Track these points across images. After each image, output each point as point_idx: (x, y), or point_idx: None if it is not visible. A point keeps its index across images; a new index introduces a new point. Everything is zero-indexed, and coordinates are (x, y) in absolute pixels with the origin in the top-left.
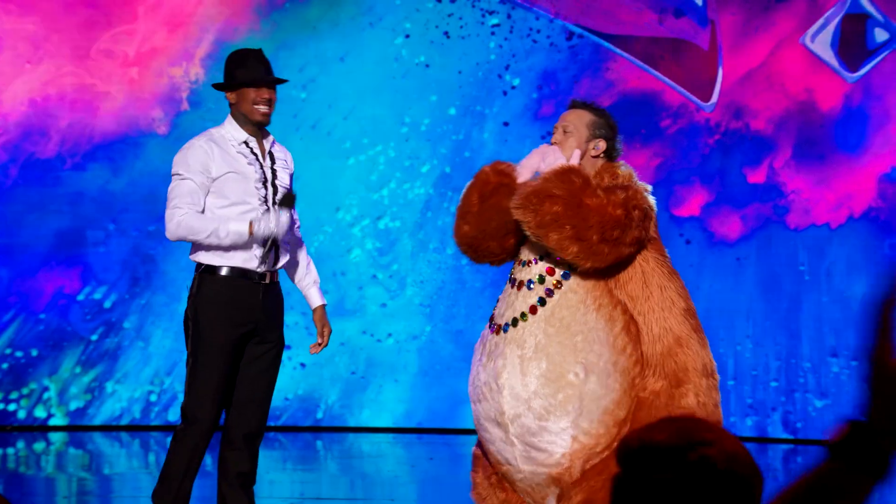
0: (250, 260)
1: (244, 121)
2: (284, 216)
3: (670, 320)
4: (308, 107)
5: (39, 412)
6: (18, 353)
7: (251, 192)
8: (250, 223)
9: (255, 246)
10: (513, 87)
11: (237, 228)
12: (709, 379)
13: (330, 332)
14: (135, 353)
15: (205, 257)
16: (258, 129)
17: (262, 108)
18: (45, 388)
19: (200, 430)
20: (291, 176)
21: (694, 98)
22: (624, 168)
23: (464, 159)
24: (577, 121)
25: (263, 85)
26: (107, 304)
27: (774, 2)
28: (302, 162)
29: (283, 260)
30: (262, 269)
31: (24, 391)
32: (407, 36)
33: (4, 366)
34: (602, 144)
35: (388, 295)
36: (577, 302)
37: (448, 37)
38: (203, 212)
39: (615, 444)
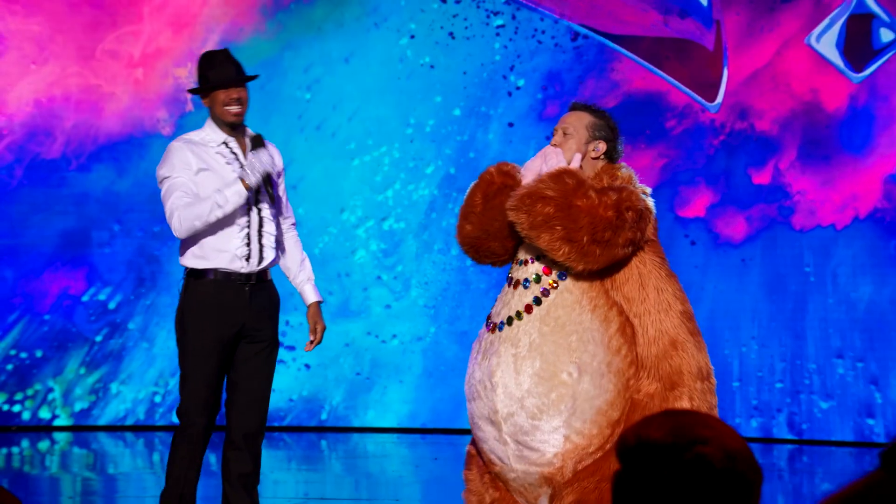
0: (234, 261)
1: (221, 122)
2: (263, 154)
3: (666, 323)
4: (313, 107)
5: (44, 413)
6: (23, 354)
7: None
8: (240, 179)
9: (238, 246)
10: (517, 88)
11: (233, 189)
12: (704, 382)
13: (323, 328)
14: (139, 354)
15: (191, 261)
16: (234, 128)
17: (233, 109)
18: (50, 390)
19: (195, 431)
20: (280, 173)
21: (699, 98)
22: (624, 170)
23: (468, 160)
24: (577, 122)
25: (231, 85)
26: (111, 305)
27: (779, 2)
28: (306, 163)
29: (270, 258)
30: (246, 269)
31: (29, 392)
32: (412, 37)
33: (9, 367)
34: (602, 146)
35: (392, 296)
36: (572, 302)
37: (453, 37)
38: None
39: (608, 445)
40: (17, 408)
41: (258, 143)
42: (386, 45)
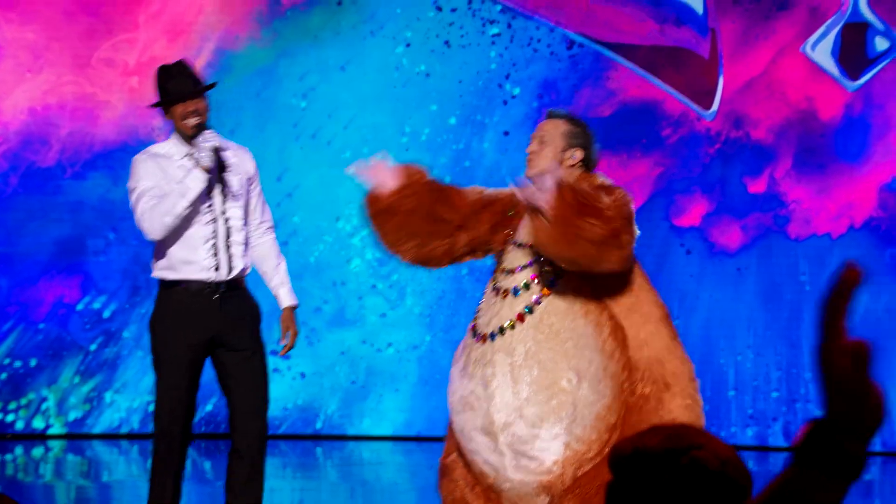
0: (202, 272)
1: (183, 135)
2: (206, 133)
3: (655, 325)
4: (308, 116)
5: (38, 422)
6: (17, 363)
7: (197, 200)
8: (196, 163)
9: (205, 257)
10: (513, 97)
11: (191, 176)
12: (693, 382)
13: (295, 334)
14: (134, 363)
15: (161, 273)
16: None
17: (192, 121)
18: (44, 399)
19: (167, 441)
20: (252, 177)
21: (694, 107)
22: (601, 179)
23: (464, 169)
24: (553, 130)
25: (188, 98)
26: (106, 314)
27: (775, 10)
28: (302, 171)
29: (239, 267)
30: (216, 279)
31: (23, 401)
32: (408, 45)
33: (3, 376)
34: (579, 154)
35: (387, 305)
36: (564, 308)
37: (449, 46)
38: None
39: (606, 449)
40: (10, 417)
41: (200, 127)
42: (382, 53)
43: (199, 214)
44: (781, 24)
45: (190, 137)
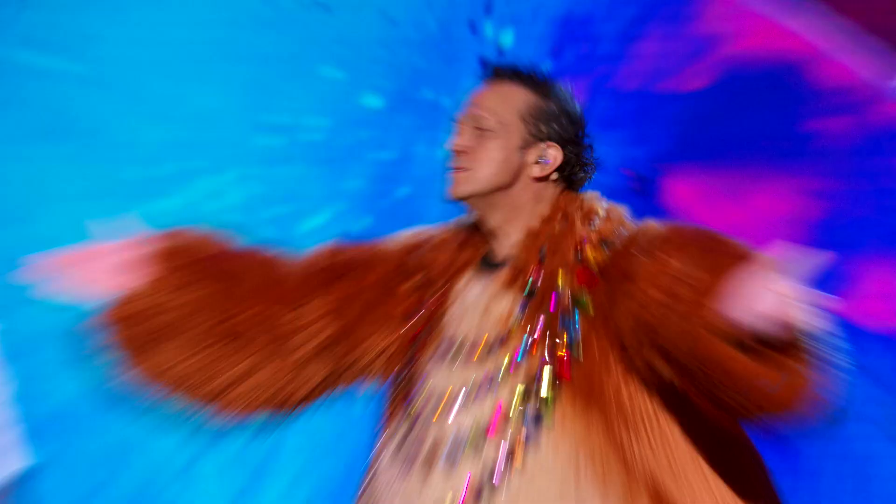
0: None
1: None
2: None
3: (722, 490)
4: (79, 96)
5: None
6: None
7: None
8: None
9: None
10: (500, 51)
11: None
12: None
13: None
14: None
15: None
16: None
17: None
18: None
19: None
20: None
21: (881, 75)
22: (606, 203)
23: (398, 204)
24: (502, 106)
25: None
26: None
27: None
28: (62, 201)
29: None
30: None
31: None
32: None
33: None
34: (554, 154)
35: (240, 482)
36: (559, 472)
37: None
38: None
39: None
40: None
41: None
42: None
43: None
44: None
45: None
